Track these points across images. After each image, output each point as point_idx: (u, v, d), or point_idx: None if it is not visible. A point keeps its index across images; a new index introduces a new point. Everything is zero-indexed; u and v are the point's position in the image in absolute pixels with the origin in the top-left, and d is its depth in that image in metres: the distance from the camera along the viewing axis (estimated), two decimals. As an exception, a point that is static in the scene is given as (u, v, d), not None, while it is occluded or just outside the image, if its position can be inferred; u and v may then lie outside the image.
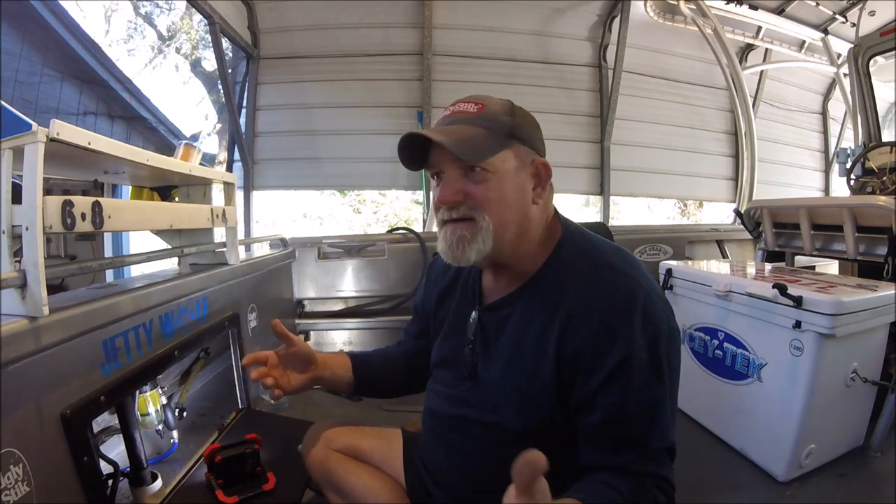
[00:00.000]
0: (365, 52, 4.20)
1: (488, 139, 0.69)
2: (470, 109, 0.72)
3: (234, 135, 4.15)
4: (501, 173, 0.70)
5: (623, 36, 4.21)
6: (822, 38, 4.49)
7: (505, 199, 0.70)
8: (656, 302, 0.68)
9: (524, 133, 0.73)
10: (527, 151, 0.73)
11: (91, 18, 6.96)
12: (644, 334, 0.65)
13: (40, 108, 3.99)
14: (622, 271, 0.70)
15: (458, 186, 0.70)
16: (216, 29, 3.33)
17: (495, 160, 0.69)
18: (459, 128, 0.70)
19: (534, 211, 0.73)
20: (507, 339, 0.76)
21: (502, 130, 0.71)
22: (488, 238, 0.70)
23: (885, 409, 1.53)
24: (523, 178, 0.72)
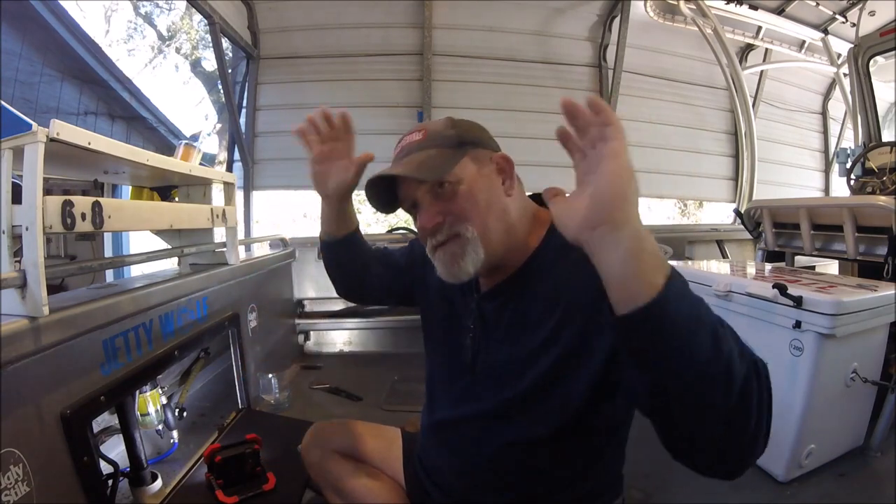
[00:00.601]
0: (365, 52, 4.20)
1: (441, 155, 0.72)
2: (415, 139, 0.76)
3: (234, 135, 4.15)
4: (467, 180, 0.72)
5: (623, 36, 4.20)
6: (822, 38, 4.49)
7: (479, 204, 0.72)
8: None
9: (471, 137, 0.76)
10: (482, 152, 0.75)
11: (91, 18, 6.97)
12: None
13: (40, 108, 3.99)
14: None
15: (433, 210, 0.73)
16: (216, 29, 3.33)
17: (456, 171, 0.72)
18: (412, 157, 0.73)
19: (510, 203, 0.75)
20: (506, 325, 0.76)
21: (450, 143, 0.74)
22: (477, 246, 0.71)
23: (885, 409, 1.53)
24: (488, 176, 0.74)
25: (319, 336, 2.80)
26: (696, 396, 0.47)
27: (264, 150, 4.33)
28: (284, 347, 2.42)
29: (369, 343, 2.82)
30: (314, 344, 2.79)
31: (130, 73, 5.28)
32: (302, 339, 2.73)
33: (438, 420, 0.86)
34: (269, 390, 1.92)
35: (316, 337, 2.79)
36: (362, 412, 1.97)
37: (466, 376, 0.81)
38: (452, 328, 0.85)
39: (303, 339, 2.74)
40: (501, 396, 0.74)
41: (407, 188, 0.76)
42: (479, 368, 0.79)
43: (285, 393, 1.96)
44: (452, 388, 0.83)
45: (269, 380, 1.93)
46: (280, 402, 1.92)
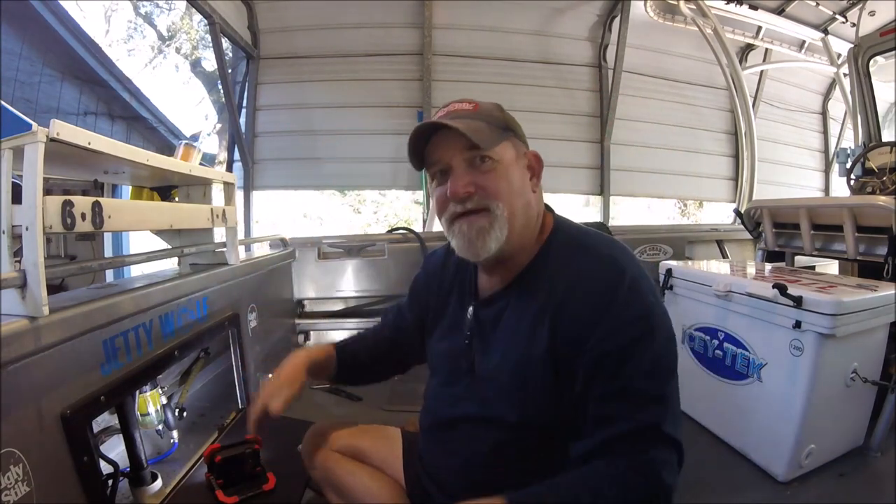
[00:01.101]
0: (365, 52, 4.21)
1: (491, 131, 0.72)
2: (465, 107, 0.76)
3: (234, 135, 4.15)
4: (505, 162, 0.73)
5: (623, 36, 4.21)
6: (822, 38, 4.49)
7: (513, 187, 0.73)
8: (642, 284, 0.69)
9: (515, 127, 0.77)
10: (519, 144, 0.77)
11: (91, 18, 6.96)
12: (629, 314, 0.66)
13: (40, 108, 3.99)
14: (610, 257, 0.72)
15: (468, 178, 0.72)
16: (216, 29, 3.33)
17: (499, 150, 0.73)
18: (465, 121, 0.72)
19: (533, 199, 0.76)
20: (502, 330, 0.76)
21: (499, 124, 0.75)
22: (504, 226, 0.71)
23: (885, 409, 1.53)
24: (522, 167, 0.76)
25: (319, 336, 2.80)
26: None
27: (264, 150, 4.34)
28: (284, 347, 2.42)
29: (369, 343, 2.81)
30: (314, 344, 2.79)
31: (130, 73, 5.28)
32: (302, 339, 2.73)
33: (437, 421, 0.86)
34: (269, 390, 1.92)
35: (316, 337, 2.79)
36: (362, 412, 1.97)
37: (465, 379, 0.81)
38: (451, 332, 0.85)
39: (303, 339, 2.74)
40: (498, 399, 0.75)
41: (445, 150, 0.74)
42: (476, 372, 0.79)
43: (285, 393, 1.96)
44: (451, 389, 0.84)
45: (269, 380, 1.92)
46: (280, 402, 1.92)
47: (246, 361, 1.77)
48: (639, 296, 0.68)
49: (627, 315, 0.66)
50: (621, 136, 4.50)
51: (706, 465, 1.54)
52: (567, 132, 4.37)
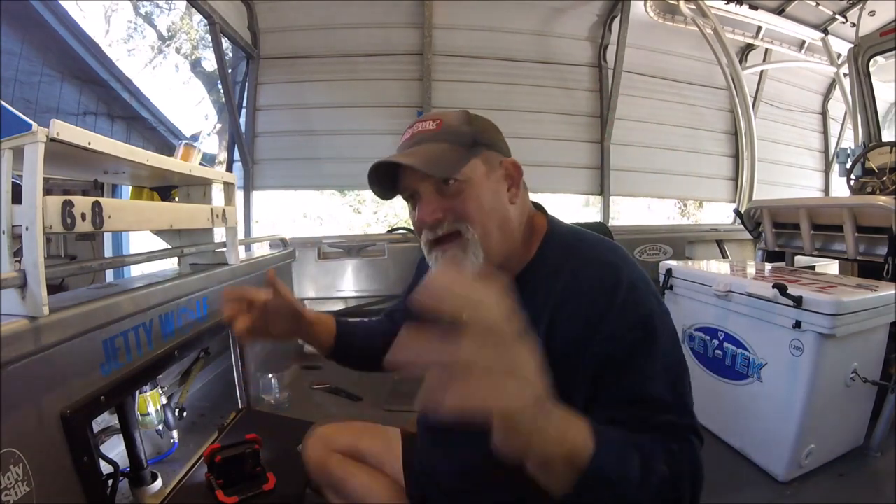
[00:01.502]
0: (365, 52, 4.20)
1: (454, 151, 0.70)
2: (429, 127, 0.73)
3: (234, 135, 4.15)
4: (474, 181, 0.70)
5: (623, 36, 4.20)
6: (822, 38, 4.49)
7: (483, 207, 0.70)
8: (640, 287, 0.68)
9: (486, 138, 0.74)
10: (493, 155, 0.74)
11: (91, 18, 6.95)
12: (628, 319, 0.65)
13: (40, 108, 3.99)
14: (606, 261, 0.70)
15: (435, 204, 0.71)
16: (216, 29, 3.33)
17: (465, 170, 0.70)
18: (423, 147, 0.71)
19: (512, 211, 0.74)
20: None
21: (464, 141, 0.72)
22: (478, 249, 0.70)
23: (885, 409, 1.53)
24: (495, 181, 0.73)
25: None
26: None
27: (264, 150, 4.34)
28: (284, 347, 2.42)
29: (369, 343, 2.81)
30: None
31: (130, 73, 5.28)
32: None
33: (433, 425, 0.86)
34: (269, 390, 1.92)
35: (316, 337, 2.79)
36: (362, 412, 1.97)
37: None
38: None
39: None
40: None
41: (410, 178, 0.73)
42: None
43: (285, 393, 1.96)
44: None
45: (269, 380, 1.93)
46: (280, 402, 1.92)
47: (246, 361, 1.77)
48: (638, 297, 0.67)
49: (629, 318, 0.65)
50: (621, 136, 4.49)
51: (706, 465, 1.53)
52: (567, 132, 4.37)
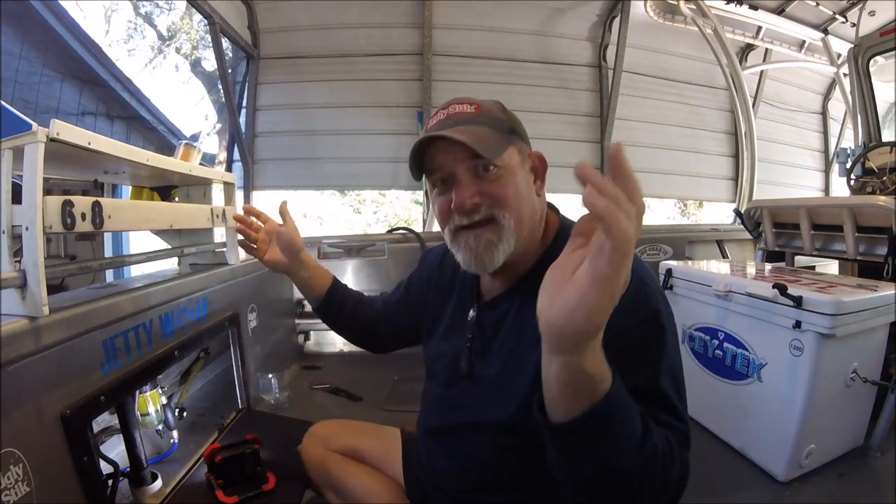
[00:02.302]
0: (365, 52, 4.20)
1: (496, 136, 0.69)
2: (467, 110, 0.71)
3: (234, 135, 4.15)
4: (511, 168, 0.70)
5: (623, 36, 4.21)
6: (822, 38, 4.49)
7: (520, 194, 0.70)
8: (649, 284, 0.68)
9: (519, 129, 0.75)
10: (524, 147, 0.74)
11: (91, 18, 6.96)
12: (638, 316, 0.65)
13: (40, 109, 3.99)
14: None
15: (474, 188, 0.69)
16: (216, 29, 3.33)
17: (505, 156, 0.70)
18: (468, 128, 0.69)
19: (537, 204, 0.74)
20: (504, 335, 0.75)
21: (503, 128, 0.71)
22: (511, 236, 0.69)
23: (885, 409, 1.53)
24: (527, 171, 0.74)
25: (319, 336, 2.80)
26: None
27: (264, 150, 4.34)
28: (284, 347, 2.42)
29: (369, 343, 2.81)
30: (314, 344, 2.78)
31: (130, 73, 5.27)
32: (302, 339, 2.73)
33: (435, 426, 0.86)
34: (269, 390, 1.92)
35: (316, 337, 2.79)
36: (362, 412, 1.97)
37: (463, 382, 0.80)
38: (451, 335, 0.84)
39: (303, 339, 2.74)
40: (497, 406, 0.74)
41: (447, 158, 0.70)
42: (475, 377, 0.78)
43: (285, 393, 1.96)
44: (449, 393, 0.83)
45: (269, 380, 1.92)
46: (280, 402, 1.92)
47: (246, 361, 1.77)
48: (646, 297, 0.66)
49: (640, 312, 0.64)
50: (621, 136, 4.49)
51: (706, 465, 1.54)
52: (567, 132, 4.37)
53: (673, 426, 0.63)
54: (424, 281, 0.97)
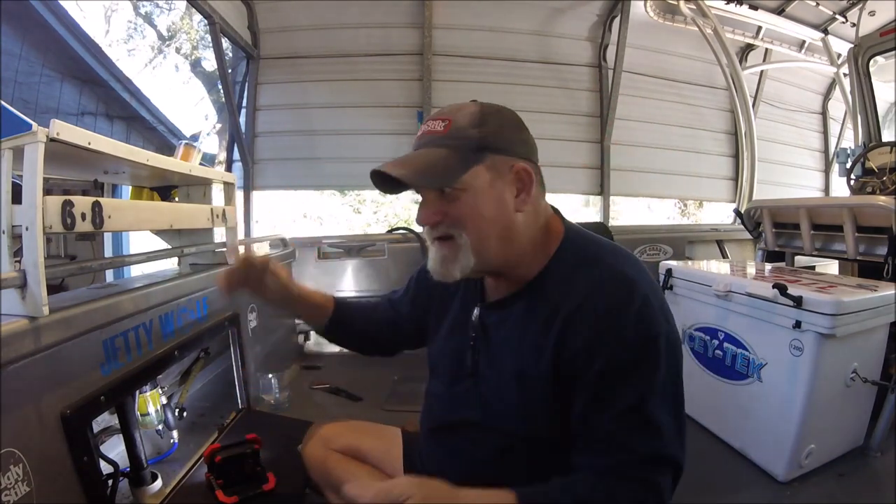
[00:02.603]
0: (365, 52, 4.20)
1: (453, 159, 0.68)
2: (437, 129, 0.71)
3: (234, 135, 4.15)
4: (475, 189, 0.69)
5: (623, 36, 4.20)
6: (822, 38, 4.48)
7: (480, 216, 0.69)
8: (653, 305, 0.67)
9: (497, 142, 0.70)
10: (503, 160, 0.70)
11: (91, 18, 6.95)
12: (637, 336, 0.64)
13: (40, 109, 3.99)
14: (622, 273, 0.69)
15: (434, 207, 0.71)
16: (216, 29, 3.33)
17: (466, 178, 0.68)
18: (424, 152, 0.70)
19: (519, 219, 0.72)
20: (506, 337, 0.75)
21: (469, 146, 0.69)
22: (468, 255, 0.70)
23: (885, 409, 1.53)
24: (501, 189, 0.70)
25: (319, 336, 2.80)
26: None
27: (264, 150, 4.33)
28: (284, 347, 2.42)
29: (369, 343, 2.82)
30: (314, 344, 2.79)
31: (130, 73, 5.27)
32: (302, 339, 2.73)
33: (438, 424, 0.86)
34: (269, 390, 1.92)
35: (316, 337, 2.79)
36: (362, 412, 1.97)
37: (466, 382, 0.80)
38: (455, 334, 0.84)
39: (303, 339, 2.74)
40: (501, 409, 0.74)
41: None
42: (478, 377, 0.79)
43: (285, 393, 1.96)
44: (452, 391, 0.83)
45: (269, 380, 1.93)
46: (280, 402, 1.92)
47: (246, 361, 1.77)
48: (649, 318, 0.65)
49: (634, 337, 0.64)
50: (621, 136, 4.49)
51: (706, 465, 1.54)
52: (567, 132, 4.37)
53: (648, 452, 0.63)
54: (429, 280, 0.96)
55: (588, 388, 0.66)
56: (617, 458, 0.63)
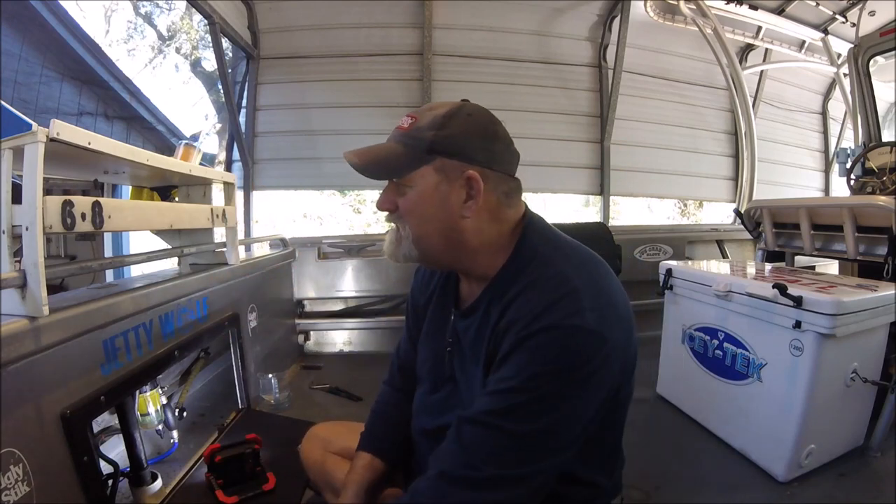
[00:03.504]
0: (365, 52, 4.20)
1: (404, 157, 0.70)
2: (403, 125, 0.73)
3: (234, 135, 4.15)
4: (419, 189, 0.71)
5: (623, 36, 4.20)
6: (822, 38, 4.49)
7: (420, 214, 0.72)
8: (583, 309, 0.62)
9: (451, 147, 0.70)
10: (454, 165, 0.70)
11: (91, 18, 6.95)
12: (542, 338, 0.61)
13: (39, 109, 3.99)
14: (564, 276, 0.66)
15: (388, 196, 0.74)
16: (216, 29, 3.33)
17: (413, 176, 0.71)
18: (382, 146, 0.73)
19: (465, 224, 0.71)
20: (472, 342, 0.76)
21: (421, 147, 0.70)
22: (409, 245, 0.73)
23: (885, 409, 1.53)
24: (446, 192, 0.70)
25: (319, 336, 2.80)
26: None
27: (264, 150, 4.34)
28: (284, 347, 2.42)
29: (369, 343, 2.82)
30: (314, 344, 2.79)
31: (130, 73, 5.27)
32: (302, 339, 2.73)
33: (424, 429, 0.86)
34: (269, 390, 1.92)
35: (316, 337, 2.79)
36: (362, 412, 1.95)
37: (447, 387, 0.81)
38: (436, 340, 0.85)
39: (303, 339, 2.74)
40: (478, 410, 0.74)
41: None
42: (456, 381, 0.80)
43: (285, 393, 1.96)
44: (434, 398, 0.84)
45: (269, 380, 1.93)
46: (280, 402, 1.92)
47: (246, 361, 1.77)
48: (570, 339, 0.61)
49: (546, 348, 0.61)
50: (621, 136, 4.49)
51: (706, 465, 1.54)
52: (567, 132, 4.37)
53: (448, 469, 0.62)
54: (415, 296, 0.96)
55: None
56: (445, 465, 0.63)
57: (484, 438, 0.62)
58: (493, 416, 0.62)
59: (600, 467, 0.77)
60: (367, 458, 0.89)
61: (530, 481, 0.61)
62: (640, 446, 0.85)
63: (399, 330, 1.06)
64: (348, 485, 0.85)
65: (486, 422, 0.62)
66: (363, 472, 0.87)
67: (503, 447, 0.61)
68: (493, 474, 0.60)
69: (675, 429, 1.76)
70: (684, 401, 1.86)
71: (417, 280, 0.97)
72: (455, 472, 0.62)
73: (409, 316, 0.99)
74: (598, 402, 0.65)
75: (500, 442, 0.61)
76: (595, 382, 0.63)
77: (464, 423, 0.64)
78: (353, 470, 0.88)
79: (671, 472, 1.49)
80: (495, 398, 0.63)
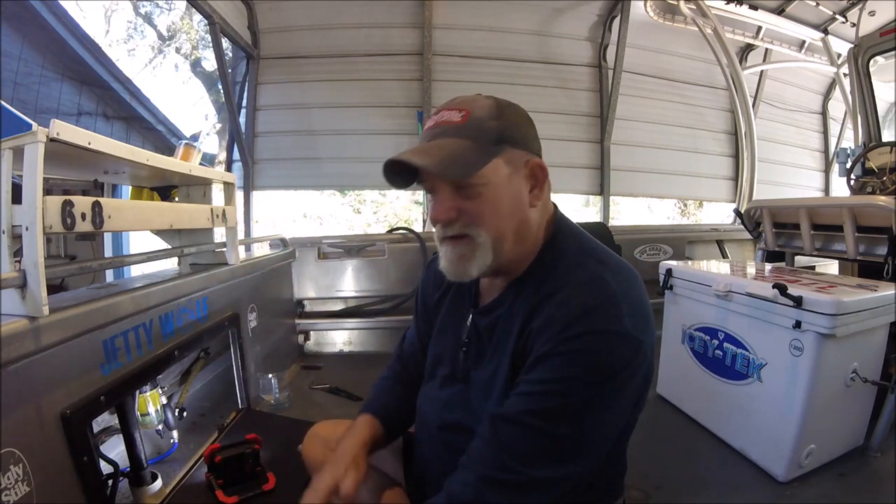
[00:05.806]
0: (365, 52, 4.21)
1: (475, 151, 0.65)
2: (454, 119, 0.68)
3: (234, 135, 4.16)
4: (494, 184, 0.66)
5: (623, 36, 4.21)
6: (822, 38, 4.49)
7: (499, 211, 0.67)
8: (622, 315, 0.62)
9: (515, 135, 0.68)
10: (519, 154, 0.68)
11: (91, 18, 6.95)
12: (585, 342, 0.60)
13: (39, 109, 3.99)
14: (600, 277, 0.66)
15: (450, 204, 0.68)
16: (216, 29, 3.33)
17: (486, 171, 0.66)
18: (444, 143, 0.66)
19: (532, 214, 0.70)
20: (495, 340, 0.75)
21: (489, 138, 0.66)
22: (487, 253, 0.68)
23: (885, 409, 1.53)
24: (517, 183, 0.68)
25: (319, 336, 2.80)
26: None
27: (264, 150, 4.34)
28: (284, 347, 2.42)
29: (369, 343, 2.82)
30: (314, 344, 2.79)
31: (130, 73, 5.27)
32: (302, 339, 2.73)
33: (428, 425, 0.85)
34: (269, 390, 1.92)
35: (316, 337, 2.79)
36: (362, 412, 1.97)
37: (457, 385, 0.80)
38: (451, 338, 0.84)
39: (303, 339, 2.74)
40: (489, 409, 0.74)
41: (427, 172, 0.68)
42: (470, 380, 0.78)
43: (285, 393, 1.96)
44: (441, 394, 0.83)
45: (269, 380, 1.93)
46: (280, 402, 1.92)
47: (246, 361, 1.77)
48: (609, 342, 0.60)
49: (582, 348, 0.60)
50: (621, 135, 4.50)
51: (706, 465, 1.54)
52: (567, 132, 4.38)
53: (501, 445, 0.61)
54: (425, 293, 0.95)
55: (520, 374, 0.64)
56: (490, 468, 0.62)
57: (523, 439, 0.60)
58: (532, 417, 0.60)
59: (603, 471, 0.76)
60: (366, 417, 0.88)
61: (564, 484, 0.61)
62: (640, 446, 0.84)
63: (399, 330, 1.05)
64: (346, 436, 0.83)
65: (526, 422, 0.61)
66: (363, 426, 0.85)
67: (542, 449, 0.60)
68: (532, 477, 0.59)
69: (676, 429, 1.76)
70: (684, 401, 1.86)
71: (429, 275, 0.94)
72: (493, 474, 0.61)
73: (419, 312, 0.98)
74: (630, 407, 0.65)
75: (541, 444, 0.60)
76: (632, 387, 0.63)
77: (500, 421, 0.62)
78: (352, 426, 0.87)
79: (671, 473, 1.49)
80: (534, 399, 0.61)
